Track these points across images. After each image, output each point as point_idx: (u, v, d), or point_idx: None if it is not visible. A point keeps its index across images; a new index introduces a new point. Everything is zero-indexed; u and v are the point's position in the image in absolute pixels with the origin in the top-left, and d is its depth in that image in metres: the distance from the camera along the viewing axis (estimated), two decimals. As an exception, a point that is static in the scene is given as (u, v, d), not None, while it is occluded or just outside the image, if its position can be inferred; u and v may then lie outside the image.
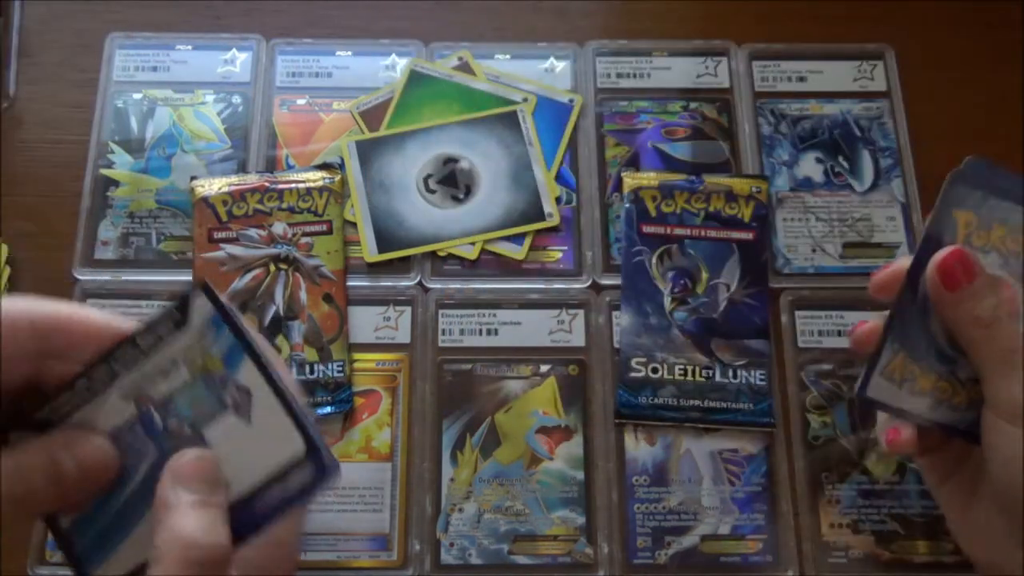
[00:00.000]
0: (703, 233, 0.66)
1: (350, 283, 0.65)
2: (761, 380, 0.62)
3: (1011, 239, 0.46)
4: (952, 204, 0.46)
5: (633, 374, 0.62)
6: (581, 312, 0.65)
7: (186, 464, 0.37)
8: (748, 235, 0.66)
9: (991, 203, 0.46)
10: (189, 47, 0.72)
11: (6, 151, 0.69)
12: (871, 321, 0.50)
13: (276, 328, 0.63)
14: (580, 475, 0.61)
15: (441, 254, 0.66)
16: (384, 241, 0.66)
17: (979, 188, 0.46)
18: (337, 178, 0.67)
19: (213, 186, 0.66)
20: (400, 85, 0.71)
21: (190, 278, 0.64)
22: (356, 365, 0.63)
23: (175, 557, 0.35)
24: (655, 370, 0.63)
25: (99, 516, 0.38)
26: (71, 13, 0.74)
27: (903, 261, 0.48)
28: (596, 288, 0.66)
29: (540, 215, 0.67)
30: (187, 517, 0.36)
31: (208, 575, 0.35)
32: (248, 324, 0.40)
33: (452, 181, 0.68)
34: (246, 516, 0.38)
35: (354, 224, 0.66)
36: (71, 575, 0.39)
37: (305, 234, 0.65)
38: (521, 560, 0.59)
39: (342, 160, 0.68)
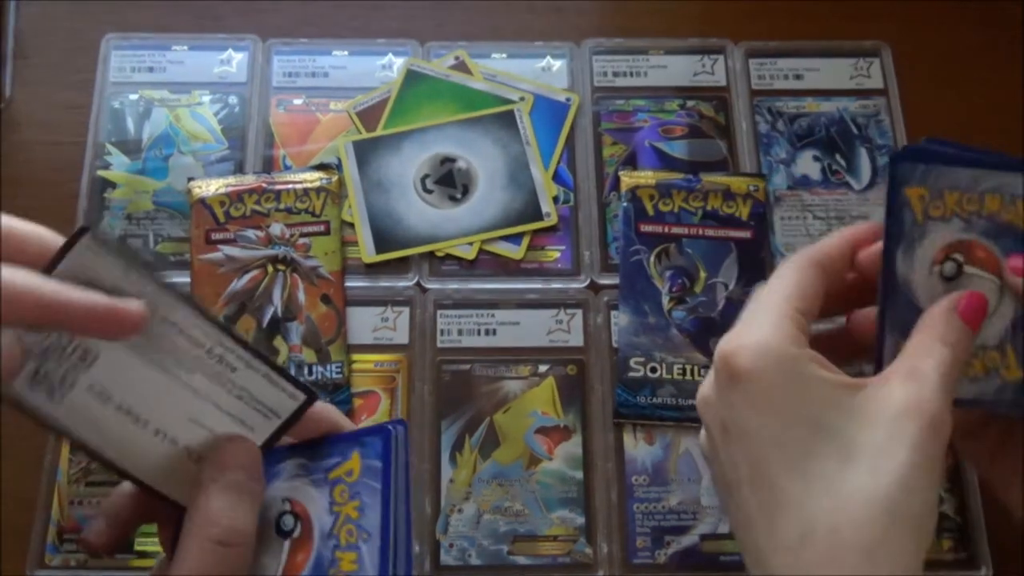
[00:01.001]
0: (701, 232, 0.66)
1: (348, 284, 0.65)
2: (759, 379, 0.62)
3: (967, 200, 0.46)
4: (901, 184, 0.46)
5: (632, 374, 0.63)
6: (579, 312, 0.65)
7: (229, 450, 0.39)
8: (746, 233, 0.66)
9: (935, 173, 0.46)
10: (185, 48, 0.72)
11: (3, 153, 0.69)
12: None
13: (274, 329, 0.63)
14: (579, 475, 0.61)
15: (439, 254, 0.66)
16: (382, 241, 0.66)
17: (920, 162, 0.46)
18: (334, 178, 0.67)
19: (210, 187, 0.66)
20: (397, 85, 0.71)
21: (188, 280, 0.64)
22: (355, 366, 0.63)
23: (196, 535, 0.36)
24: (654, 369, 0.63)
25: None
26: (67, 14, 0.74)
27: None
28: (594, 288, 0.66)
29: (538, 215, 0.67)
30: (215, 497, 0.37)
31: (227, 558, 0.36)
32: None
33: (449, 181, 0.68)
34: None
35: (352, 225, 0.66)
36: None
37: (303, 235, 0.65)
38: (521, 560, 0.59)
39: (339, 160, 0.68)
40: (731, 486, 0.40)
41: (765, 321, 0.40)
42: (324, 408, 0.43)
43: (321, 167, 0.67)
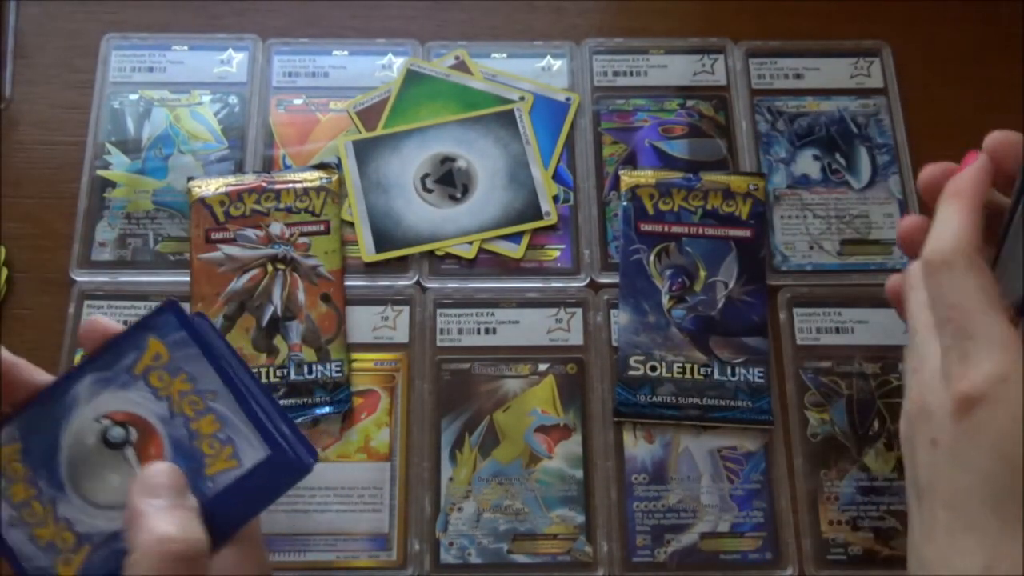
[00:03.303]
0: (701, 231, 0.66)
1: (348, 283, 0.65)
2: (759, 378, 0.63)
3: None
4: None
5: (631, 372, 0.62)
6: (579, 311, 0.65)
7: (154, 475, 0.38)
8: (746, 232, 0.66)
9: None
10: (185, 47, 0.72)
11: (3, 153, 0.69)
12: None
13: (274, 328, 0.63)
14: (579, 474, 0.61)
15: (439, 253, 0.66)
16: (382, 241, 0.66)
17: None
18: (334, 178, 0.67)
19: (210, 187, 0.66)
20: (397, 84, 0.71)
21: (188, 279, 0.64)
22: (354, 365, 0.63)
23: (153, 554, 0.35)
24: (653, 368, 0.63)
25: None
26: (67, 14, 0.74)
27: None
28: (594, 287, 0.66)
29: (538, 214, 0.67)
30: (161, 518, 0.36)
31: (187, 572, 0.35)
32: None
33: (449, 180, 0.68)
34: (218, 520, 0.38)
35: (351, 224, 0.66)
36: None
37: (303, 234, 0.65)
38: (521, 559, 0.59)
39: (339, 160, 0.68)
40: (922, 497, 0.41)
41: (1001, 347, 0.39)
42: (92, 319, 0.42)
43: (321, 166, 0.67)
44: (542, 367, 0.63)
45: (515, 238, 0.67)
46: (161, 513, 0.36)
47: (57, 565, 0.38)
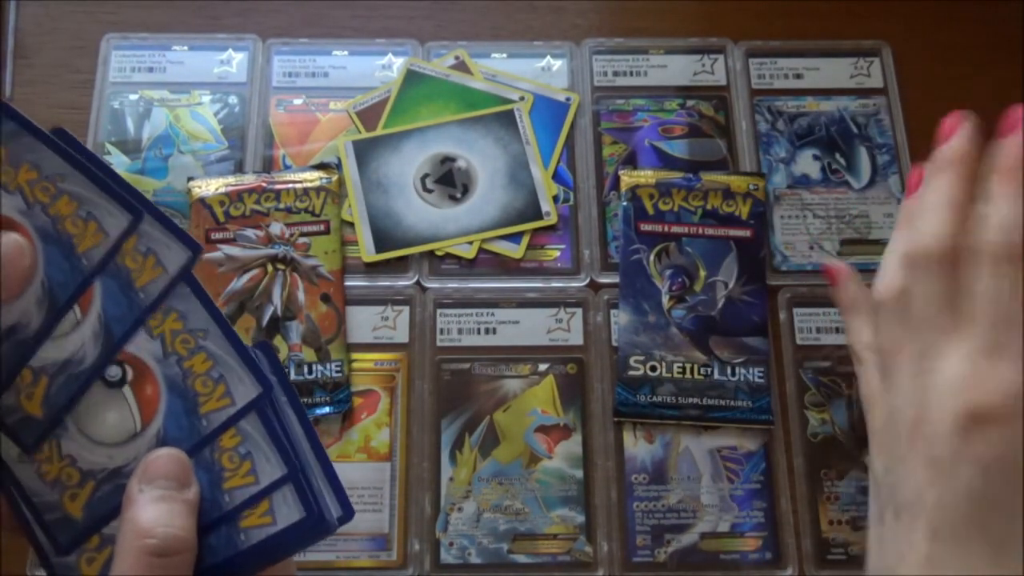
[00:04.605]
0: (701, 231, 0.66)
1: (348, 283, 0.65)
2: (759, 378, 0.63)
3: None
4: None
5: (631, 372, 0.62)
6: (579, 311, 0.65)
7: (155, 460, 0.37)
8: (746, 232, 0.66)
9: None
10: (185, 48, 0.72)
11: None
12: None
13: (274, 328, 0.63)
14: (579, 473, 0.61)
15: (439, 253, 0.66)
16: (382, 241, 0.66)
17: None
18: (334, 178, 0.67)
19: (210, 187, 0.66)
20: (397, 84, 0.71)
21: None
22: (354, 365, 0.63)
23: (131, 547, 0.35)
24: (653, 368, 0.63)
25: None
26: (67, 14, 0.74)
27: None
28: (594, 287, 0.66)
29: (538, 214, 0.67)
30: (146, 510, 0.36)
31: (166, 569, 0.35)
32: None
33: (449, 180, 0.68)
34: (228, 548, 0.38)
35: (351, 224, 0.66)
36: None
37: (303, 234, 0.65)
38: (521, 559, 0.59)
39: (339, 160, 0.68)
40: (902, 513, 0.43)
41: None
42: None
43: (321, 166, 0.67)
44: (542, 367, 0.63)
45: (515, 238, 0.67)
46: (148, 504, 0.36)
47: (64, 500, 0.38)
